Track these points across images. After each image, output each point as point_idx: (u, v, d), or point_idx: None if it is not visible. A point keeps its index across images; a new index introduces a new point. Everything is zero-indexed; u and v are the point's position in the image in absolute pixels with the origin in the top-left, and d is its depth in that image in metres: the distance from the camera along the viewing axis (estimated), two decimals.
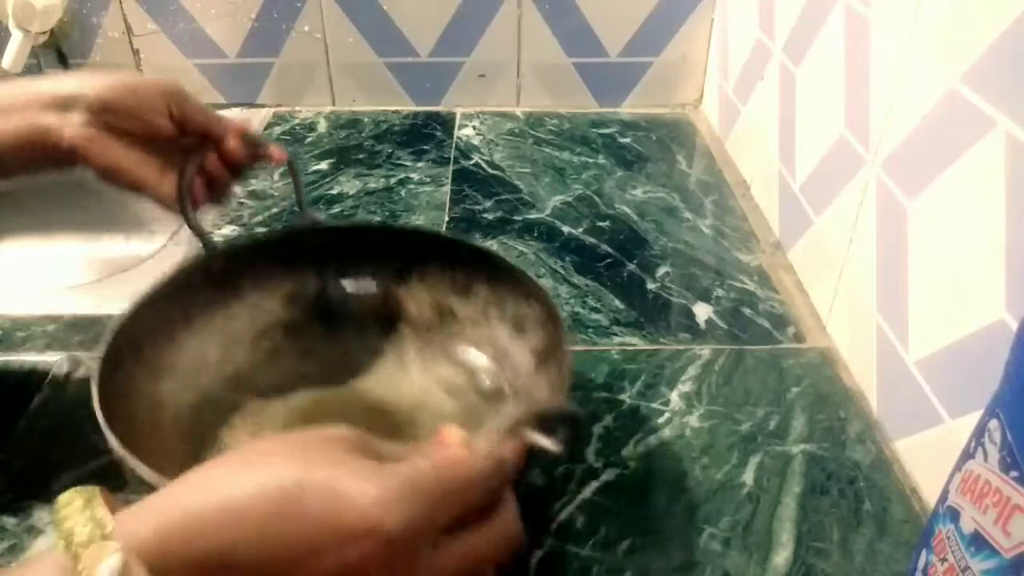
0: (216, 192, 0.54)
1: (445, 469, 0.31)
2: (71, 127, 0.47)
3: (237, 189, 0.55)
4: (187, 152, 0.51)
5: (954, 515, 0.36)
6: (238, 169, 0.54)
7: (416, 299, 0.58)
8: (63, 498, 0.29)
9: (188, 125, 0.51)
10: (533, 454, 0.34)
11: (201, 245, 0.54)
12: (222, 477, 0.30)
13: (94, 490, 0.30)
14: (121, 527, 0.28)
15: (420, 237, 0.60)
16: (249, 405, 0.53)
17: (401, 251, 0.58)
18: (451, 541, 0.30)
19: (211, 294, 0.55)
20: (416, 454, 0.32)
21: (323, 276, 0.59)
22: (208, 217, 0.79)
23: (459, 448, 0.32)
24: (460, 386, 0.56)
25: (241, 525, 0.28)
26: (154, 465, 0.40)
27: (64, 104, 0.47)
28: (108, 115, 0.48)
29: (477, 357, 0.56)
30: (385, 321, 0.59)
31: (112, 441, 0.39)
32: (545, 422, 0.35)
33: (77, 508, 0.29)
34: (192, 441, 0.49)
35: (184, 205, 0.51)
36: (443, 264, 0.57)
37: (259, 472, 0.29)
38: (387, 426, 0.52)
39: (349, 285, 0.59)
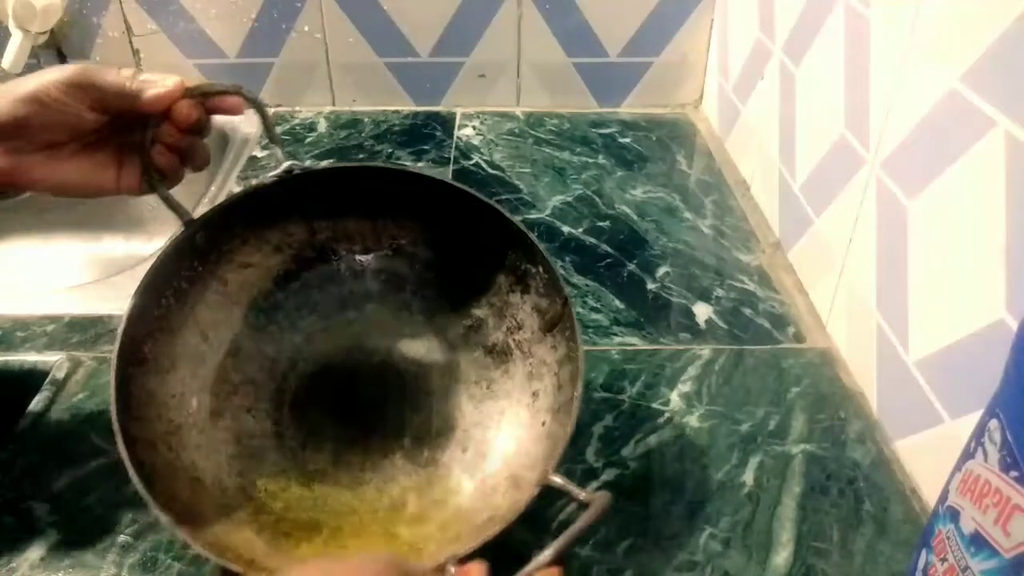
0: (187, 157, 0.49)
1: None
2: None
3: (208, 150, 0.50)
4: (135, 128, 0.46)
5: (954, 515, 0.36)
6: (198, 127, 0.48)
7: (411, 237, 0.56)
8: None
9: (113, 106, 0.45)
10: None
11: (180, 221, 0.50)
12: None
13: None
14: None
15: (404, 176, 0.54)
16: (259, 378, 0.52)
17: (388, 191, 0.54)
18: None
19: (199, 267, 0.52)
20: None
21: (310, 223, 0.55)
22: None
23: None
24: (461, 335, 0.55)
25: None
26: (178, 479, 0.40)
27: None
28: (30, 134, 0.44)
29: (478, 303, 0.55)
30: (381, 261, 0.56)
31: (147, 500, 0.40)
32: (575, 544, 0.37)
33: None
34: (213, 430, 0.49)
35: (153, 185, 0.47)
36: (436, 205, 0.53)
37: None
38: (398, 390, 0.53)
39: (338, 230, 0.56)
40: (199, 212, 0.51)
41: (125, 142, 0.47)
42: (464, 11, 0.98)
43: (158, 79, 0.46)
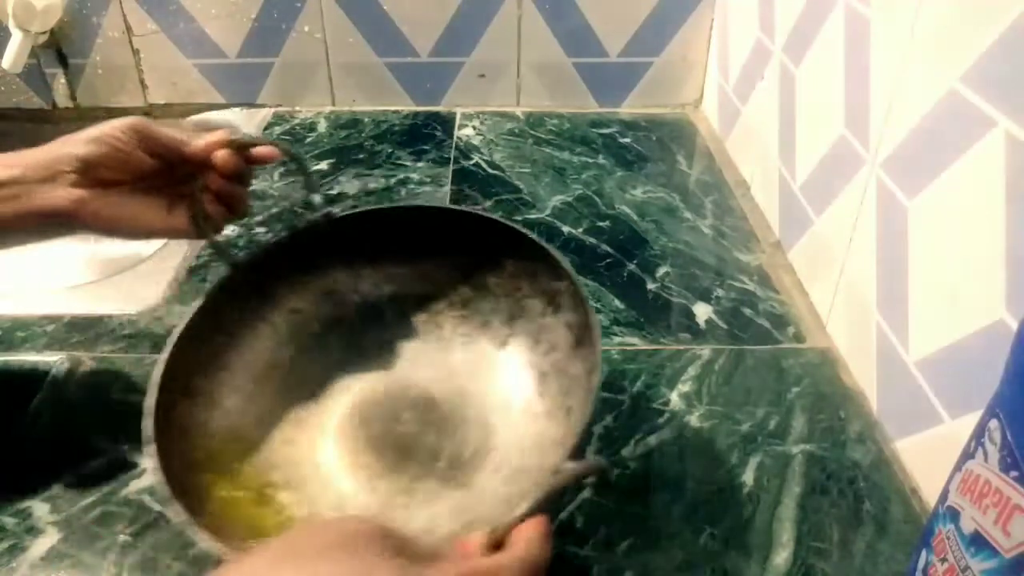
0: (232, 206, 0.53)
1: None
2: (61, 196, 0.47)
3: (248, 199, 0.55)
4: (186, 179, 0.51)
5: (954, 515, 0.36)
6: (241, 177, 0.53)
7: (448, 277, 0.58)
8: None
9: (167, 154, 0.51)
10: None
11: (226, 263, 0.54)
12: (262, 572, 0.30)
13: None
14: None
15: (441, 214, 0.59)
16: (301, 412, 0.53)
17: (425, 231, 0.58)
18: None
19: (246, 308, 0.54)
20: (444, 560, 0.32)
21: (353, 267, 0.58)
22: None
23: (486, 560, 0.33)
24: (498, 365, 0.56)
25: None
26: (214, 501, 0.42)
27: (49, 175, 0.47)
28: (91, 172, 0.48)
29: (513, 332, 0.56)
30: (421, 302, 0.59)
31: (178, 512, 0.39)
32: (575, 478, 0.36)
33: None
34: (250, 460, 0.50)
35: (203, 230, 0.51)
36: (467, 237, 0.57)
37: (295, 568, 0.30)
38: (437, 420, 0.53)
39: (379, 273, 0.59)
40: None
41: (174, 191, 0.51)
42: (464, 11, 0.98)
43: (205, 133, 0.52)
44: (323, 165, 0.91)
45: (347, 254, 0.58)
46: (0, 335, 0.64)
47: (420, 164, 0.91)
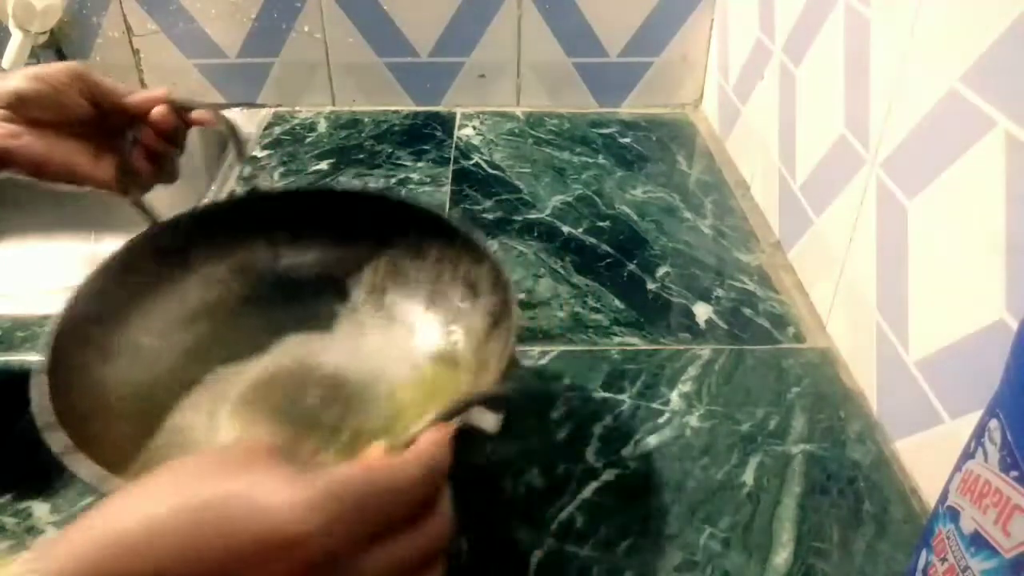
0: (160, 166, 0.52)
1: (368, 475, 0.30)
2: None
3: (179, 160, 0.54)
4: (118, 131, 0.51)
5: (954, 515, 0.36)
6: (174, 138, 0.52)
7: (369, 261, 0.58)
8: None
9: (104, 103, 0.50)
10: (470, 440, 0.34)
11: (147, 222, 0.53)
12: (142, 498, 0.29)
13: None
14: (34, 557, 0.28)
15: (368, 200, 0.59)
16: (206, 379, 0.53)
17: (350, 215, 0.57)
18: (379, 548, 0.29)
19: (160, 269, 0.54)
20: (339, 464, 0.31)
21: (274, 244, 0.58)
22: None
23: (383, 457, 0.32)
24: (413, 349, 0.56)
25: (163, 544, 0.27)
26: (104, 454, 0.40)
27: None
28: (25, 108, 0.47)
29: (430, 320, 0.56)
30: (339, 284, 0.58)
31: (58, 442, 0.38)
32: (481, 405, 0.36)
33: None
34: (148, 421, 0.49)
35: (124, 183, 0.51)
36: (394, 226, 0.57)
37: (178, 490, 0.29)
38: (343, 397, 0.53)
39: (300, 252, 0.58)
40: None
41: (105, 142, 0.51)
42: (464, 11, 0.98)
43: (147, 90, 0.52)
44: (323, 165, 0.91)
45: (269, 231, 0.58)
46: (0, 335, 0.64)
47: (420, 164, 0.91)
